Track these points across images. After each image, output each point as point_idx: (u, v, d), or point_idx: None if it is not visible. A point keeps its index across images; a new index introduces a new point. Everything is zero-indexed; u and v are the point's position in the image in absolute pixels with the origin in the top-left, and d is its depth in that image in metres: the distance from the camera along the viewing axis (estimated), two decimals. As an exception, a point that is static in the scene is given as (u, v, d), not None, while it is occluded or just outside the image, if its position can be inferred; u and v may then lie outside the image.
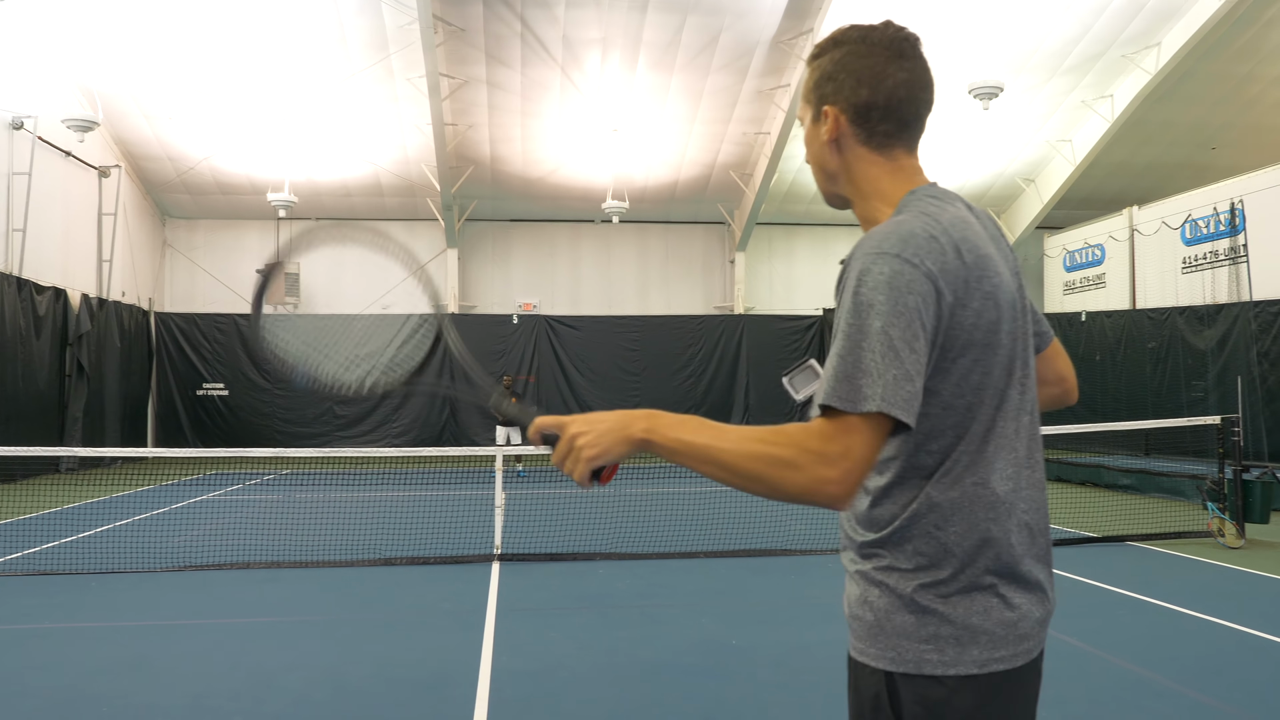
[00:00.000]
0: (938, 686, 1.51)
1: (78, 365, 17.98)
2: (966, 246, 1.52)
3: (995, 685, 1.52)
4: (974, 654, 1.51)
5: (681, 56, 18.05)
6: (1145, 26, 17.82)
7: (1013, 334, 1.57)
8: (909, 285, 1.44)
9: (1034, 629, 1.57)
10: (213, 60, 17.61)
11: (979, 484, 1.53)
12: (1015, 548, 1.55)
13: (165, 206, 22.94)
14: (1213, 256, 18.43)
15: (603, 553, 8.65)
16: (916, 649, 1.52)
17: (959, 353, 1.50)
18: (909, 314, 1.43)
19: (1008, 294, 1.56)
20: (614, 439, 1.53)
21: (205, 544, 9.43)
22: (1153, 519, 10.41)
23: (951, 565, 1.53)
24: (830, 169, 1.71)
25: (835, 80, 1.66)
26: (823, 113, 1.67)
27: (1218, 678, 4.95)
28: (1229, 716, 4.38)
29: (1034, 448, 1.62)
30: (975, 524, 1.53)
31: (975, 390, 1.52)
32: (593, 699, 4.68)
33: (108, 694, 4.78)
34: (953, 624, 1.52)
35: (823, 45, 1.71)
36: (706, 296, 24.85)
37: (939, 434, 1.53)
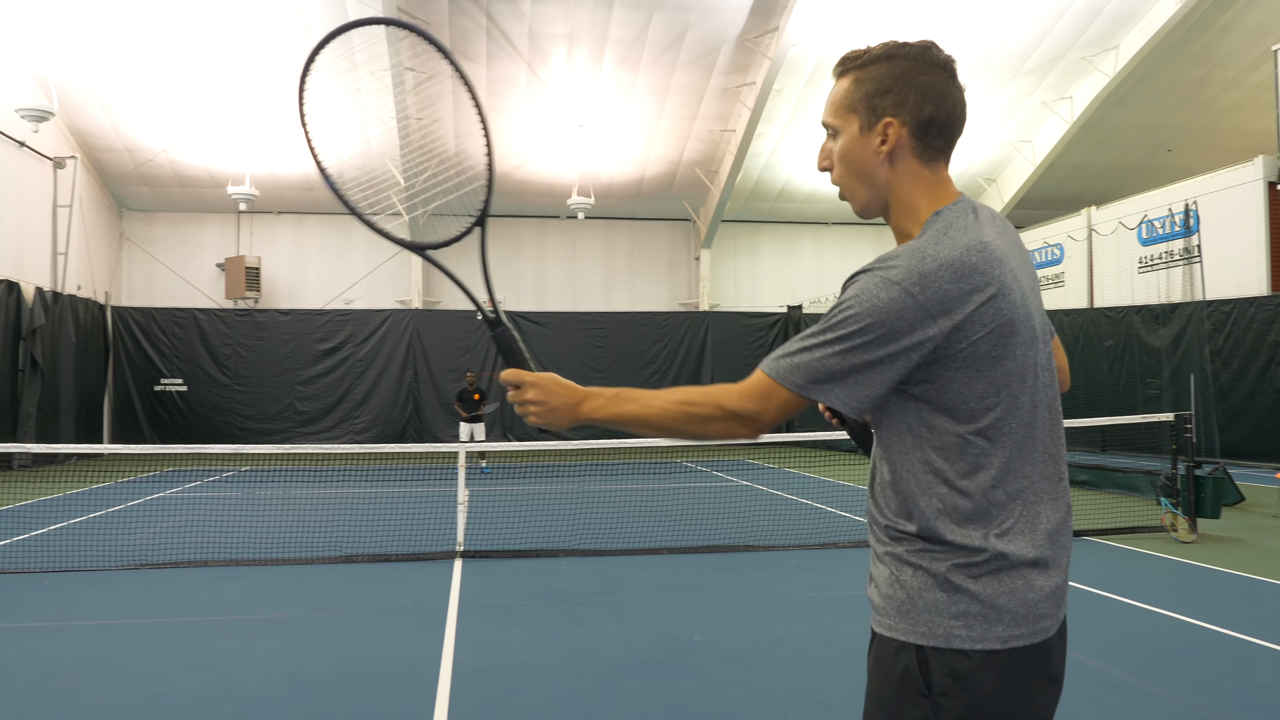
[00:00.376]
0: (965, 660, 1.63)
1: (31, 360, 17.65)
2: (978, 273, 1.61)
3: (1017, 660, 1.64)
4: (998, 631, 1.63)
5: (648, 53, 18.07)
6: (1104, 30, 18.11)
7: (1028, 343, 1.68)
8: (899, 314, 1.58)
9: (1050, 609, 1.68)
10: (172, 50, 17.35)
11: (994, 481, 1.65)
12: (1037, 536, 1.67)
13: (122, 199, 22.58)
14: (1168, 256, 18.78)
15: (566, 549, 8.65)
16: (947, 625, 1.64)
17: (960, 367, 1.62)
18: (889, 338, 1.59)
19: (1023, 309, 1.66)
20: (559, 417, 1.81)
21: (163, 542, 9.31)
22: (1108, 514, 10.58)
23: (969, 550, 1.65)
24: (878, 180, 1.76)
25: (897, 94, 1.72)
26: (883, 124, 1.73)
27: (1168, 669, 5.04)
28: (1179, 707, 4.47)
29: (1052, 443, 1.73)
30: (993, 514, 1.66)
31: (981, 398, 1.63)
32: (554, 695, 4.69)
33: (62, 694, 4.71)
34: (981, 602, 1.64)
35: (868, 57, 1.77)
36: (672, 293, 24.91)
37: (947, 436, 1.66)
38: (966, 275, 1.59)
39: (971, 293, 1.58)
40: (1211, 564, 8.02)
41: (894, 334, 1.58)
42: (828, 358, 1.61)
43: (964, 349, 1.60)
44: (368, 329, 22.62)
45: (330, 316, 22.59)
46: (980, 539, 1.64)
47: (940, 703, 1.62)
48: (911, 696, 1.64)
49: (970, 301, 1.58)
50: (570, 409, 1.79)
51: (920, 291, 1.57)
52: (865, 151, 1.76)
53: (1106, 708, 4.46)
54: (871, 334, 1.58)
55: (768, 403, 1.67)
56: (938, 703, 1.62)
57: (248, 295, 22.41)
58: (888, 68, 1.75)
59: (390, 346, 22.62)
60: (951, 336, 1.59)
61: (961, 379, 1.62)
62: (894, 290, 1.58)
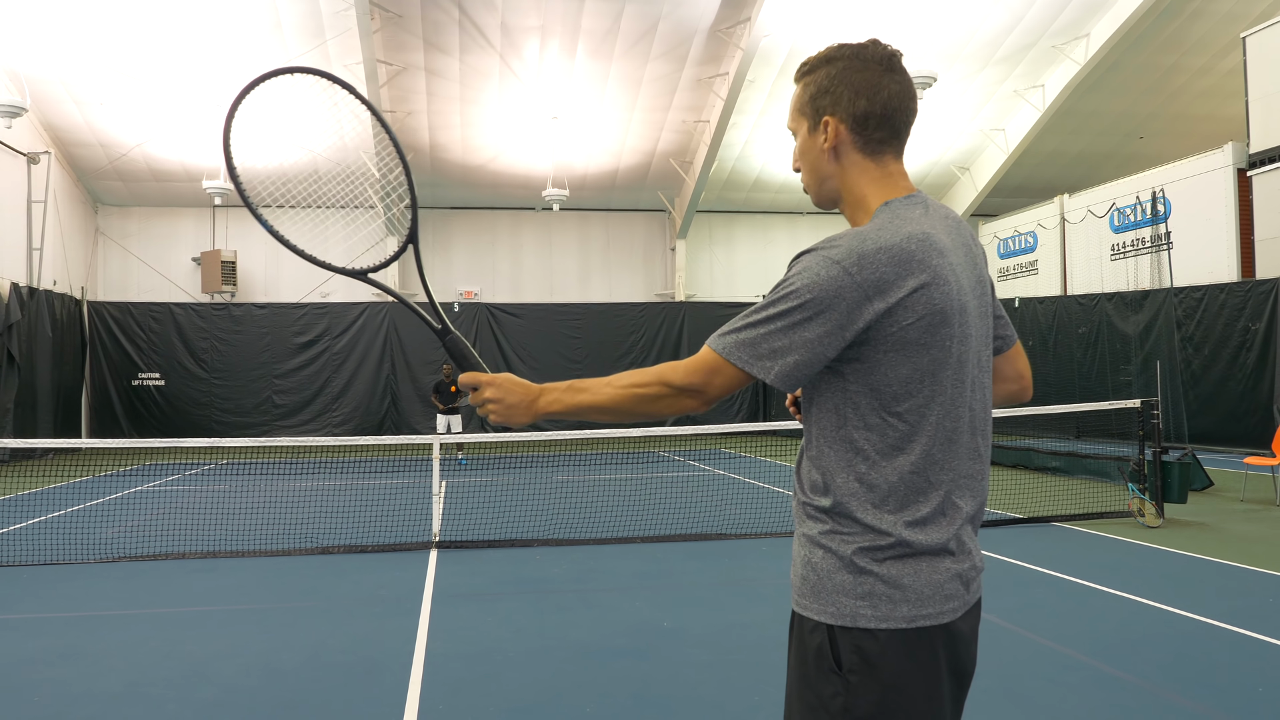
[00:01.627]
0: (871, 639, 1.70)
1: (8, 355, 17.57)
2: (915, 260, 1.68)
3: (923, 639, 1.72)
4: (904, 610, 1.71)
5: (620, 44, 18.11)
6: (1075, 17, 18.27)
7: (960, 338, 1.75)
8: (837, 291, 1.66)
9: (957, 590, 1.76)
10: (145, 45, 17.26)
11: (914, 467, 1.73)
12: (944, 523, 1.75)
13: (97, 194, 22.45)
14: (1139, 244, 19.00)
15: (540, 539, 8.75)
16: (853, 605, 1.71)
17: (889, 350, 1.69)
18: (825, 313, 1.66)
19: (958, 303, 1.73)
20: (518, 413, 1.90)
21: (140, 535, 9.34)
22: (1077, 500, 10.76)
23: (879, 533, 1.72)
24: (826, 174, 1.87)
25: (833, 93, 1.83)
26: (823, 123, 1.84)
27: (1128, 651, 5.18)
28: (1136, 688, 4.61)
29: (976, 433, 1.83)
30: (908, 500, 1.73)
31: (905, 383, 1.70)
32: (525, 681, 4.79)
33: (41, 683, 4.78)
34: (886, 583, 1.71)
35: (814, 63, 1.88)
36: (648, 284, 24.99)
37: (871, 416, 1.73)
38: (904, 261, 1.66)
39: (906, 278, 1.66)
40: (1176, 548, 8.18)
41: (831, 311, 1.65)
42: (770, 334, 1.69)
43: (895, 332, 1.67)
44: (344, 322, 22.60)
45: (307, 310, 22.55)
46: (890, 523, 1.72)
47: (850, 679, 1.69)
48: (825, 674, 1.72)
49: (904, 286, 1.65)
50: (527, 405, 1.87)
51: (858, 271, 1.65)
52: (814, 150, 1.87)
53: (1064, 689, 4.59)
54: (810, 310, 1.66)
55: (714, 378, 1.75)
56: (847, 679, 1.70)
57: (224, 289, 22.33)
58: (826, 70, 1.85)
59: (367, 339, 22.61)
60: (884, 318, 1.66)
61: (889, 362, 1.69)
62: (834, 269, 1.65)
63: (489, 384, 1.91)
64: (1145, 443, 9.60)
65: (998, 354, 2.03)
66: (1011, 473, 13.96)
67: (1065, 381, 19.83)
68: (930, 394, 1.72)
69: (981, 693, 4.53)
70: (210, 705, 4.47)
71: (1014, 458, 14.88)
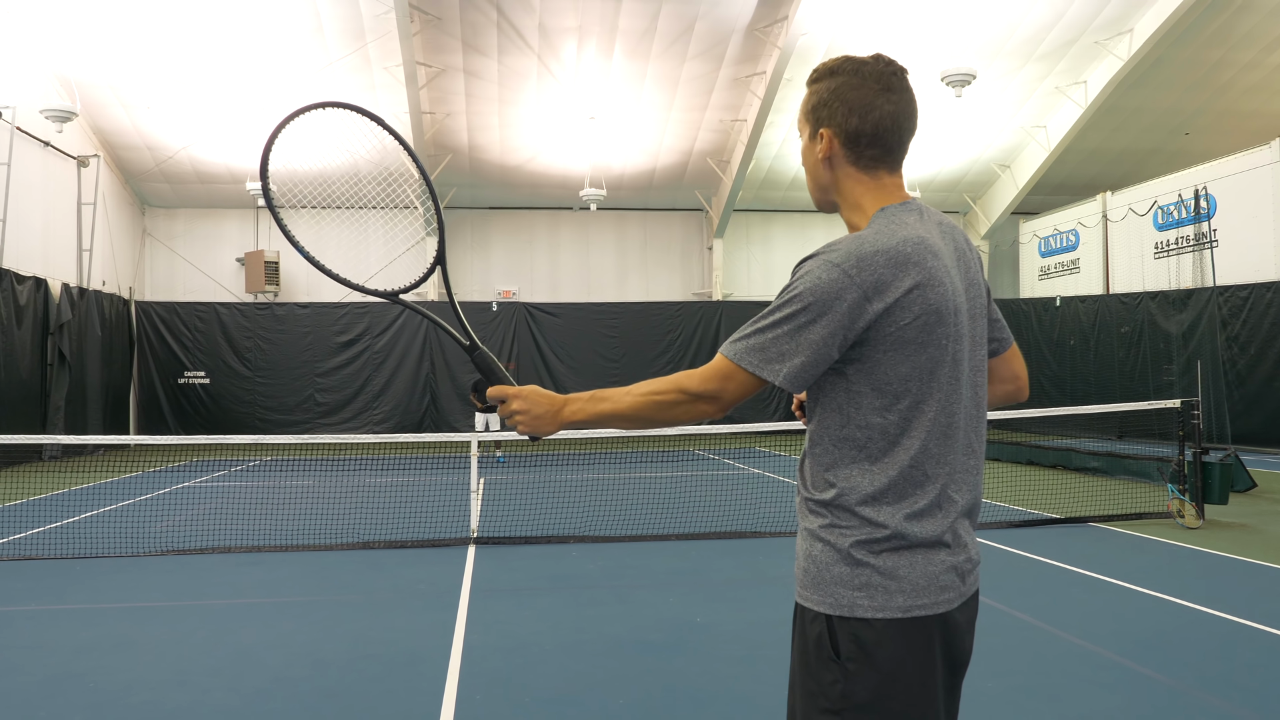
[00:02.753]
0: (868, 628, 1.78)
1: (59, 354, 18.03)
2: (913, 262, 1.77)
3: (919, 628, 1.79)
4: (899, 600, 1.78)
5: (657, 44, 18.17)
6: (1118, 13, 18.04)
7: (955, 338, 1.83)
8: (839, 292, 1.74)
9: (953, 581, 1.83)
10: (190, 50, 17.62)
11: (911, 462, 1.80)
12: (939, 516, 1.82)
13: (144, 196, 22.93)
14: (1183, 242, 18.73)
15: (576, 535, 8.85)
16: (850, 595, 1.79)
17: (888, 349, 1.77)
18: (828, 313, 1.74)
19: (952, 305, 1.81)
20: (544, 423, 1.98)
21: (187, 529, 9.58)
22: (1115, 501, 10.66)
23: (876, 527, 1.80)
24: (823, 182, 1.98)
25: (830, 107, 1.92)
26: (819, 134, 1.94)
27: (1161, 651, 5.16)
28: (1170, 688, 4.61)
29: (971, 431, 1.90)
30: (905, 494, 1.81)
31: (904, 380, 1.78)
32: (560, 673, 4.89)
33: (93, 671, 4.96)
34: (882, 574, 1.79)
35: (820, 72, 1.96)
36: (685, 283, 25.04)
37: (872, 415, 1.81)
38: (900, 263, 1.75)
39: (902, 279, 1.74)
40: (1214, 549, 8.09)
41: (833, 311, 1.73)
42: (779, 339, 1.78)
43: (893, 332, 1.75)
44: (385, 321, 22.88)
45: (348, 309, 22.87)
46: (887, 516, 1.79)
47: (848, 667, 1.77)
48: (825, 661, 1.80)
49: (900, 287, 1.74)
50: (553, 415, 1.96)
51: (858, 273, 1.73)
52: (812, 157, 1.98)
53: (1097, 688, 4.59)
54: (814, 312, 1.74)
55: (728, 384, 1.83)
56: (845, 667, 1.77)
57: (267, 289, 22.71)
58: (828, 83, 1.94)
59: (407, 339, 22.87)
60: (883, 318, 1.74)
61: (889, 361, 1.77)
62: (834, 272, 1.74)
63: (515, 396, 1.99)
64: (1185, 443, 9.49)
65: (994, 355, 2.10)
66: (1050, 473, 13.86)
67: (1107, 381, 19.61)
68: (928, 391, 1.79)
69: (1015, 690, 4.56)
70: (256, 694, 4.61)
71: (1053, 458, 14.76)
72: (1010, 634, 5.53)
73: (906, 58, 19.15)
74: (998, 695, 4.50)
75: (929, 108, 20.34)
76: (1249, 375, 16.60)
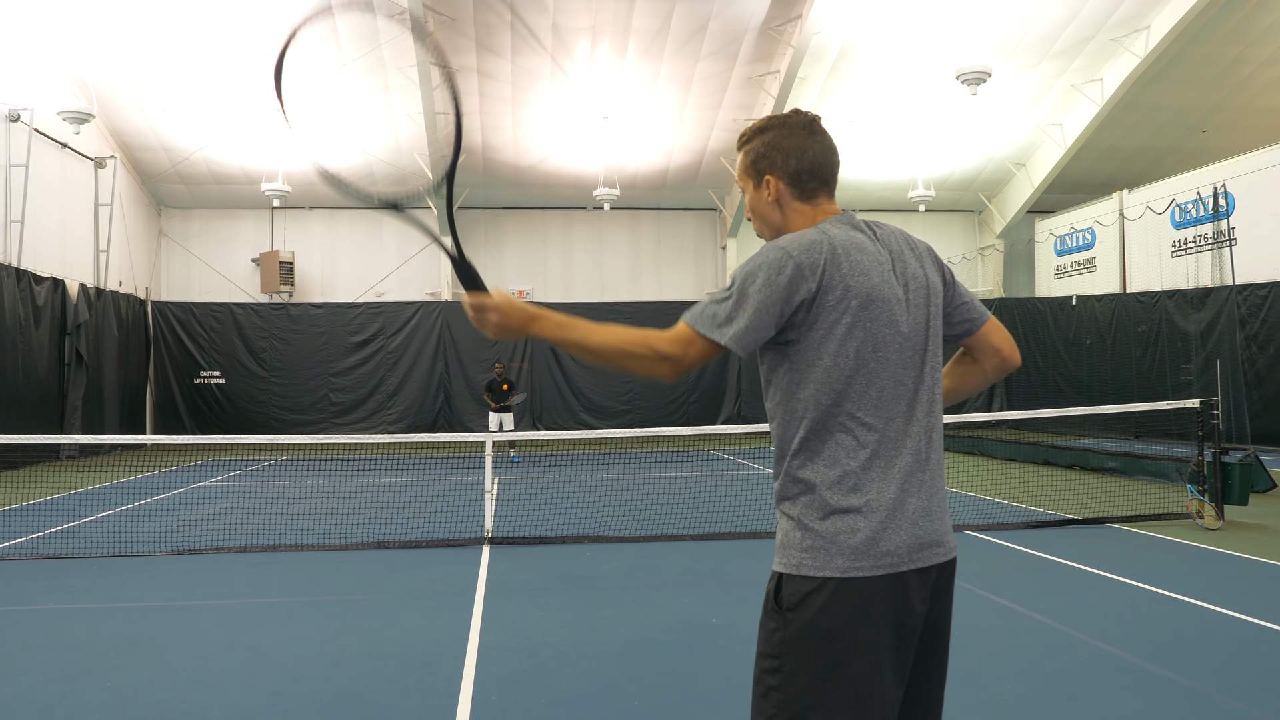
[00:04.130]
0: (809, 584, 1.99)
1: (76, 354, 18.14)
2: (840, 252, 2.04)
3: (859, 588, 1.97)
4: (839, 562, 1.98)
5: (671, 43, 18.15)
6: (1134, 9, 17.92)
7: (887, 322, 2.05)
8: (779, 267, 2.01)
9: (899, 547, 2.01)
10: (206, 52, 17.70)
11: (842, 428, 2.03)
12: (887, 488, 2.02)
13: (160, 197, 23.06)
14: (1201, 240, 18.59)
15: (590, 536, 8.84)
16: (799, 556, 2.02)
17: (823, 319, 2.01)
18: (770, 285, 2.00)
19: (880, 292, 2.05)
20: (510, 331, 2.18)
21: (203, 529, 9.62)
22: (1134, 501, 10.57)
23: (819, 495, 2.02)
24: (774, 222, 2.24)
25: (769, 158, 2.22)
26: (765, 181, 2.22)
27: (1182, 654, 5.11)
28: (1189, 690, 4.56)
29: (916, 403, 2.10)
30: (837, 462, 2.02)
31: (834, 357, 2.02)
32: (575, 674, 4.88)
33: (109, 670, 4.97)
34: (823, 538, 2.01)
35: (749, 134, 2.27)
36: (699, 282, 25.01)
37: (807, 389, 2.04)
38: (831, 251, 2.02)
39: (833, 265, 2.01)
40: (1234, 550, 8.02)
41: (774, 284, 1.99)
42: (727, 305, 2.03)
43: (823, 312, 2.00)
44: (399, 321, 22.94)
45: (362, 309, 22.93)
46: (826, 483, 2.02)
47: (788, 616, 1.99)
48: (769, 612, 2.04)
49: (831, 272, 2.00)
50: (521, 324, 2.16)
51: (797, 252, 2.01)
52: (762, 204, 2.25)
53: (1114, 690, 4.55)
54: (757, 280, 2.00)
55: (689, 349, 2.05)
56: (785, 616, 2.00)
57: (282, 289, 22.80)
58: (760, 139, 2.24)
59: (421, 338, 22.92)
60: (818, 296, 2.00)
61: (822, 339, 2.01)
62: (776, 251, 2.02)
63: (492, 304, 2.17)
64: (1204, 443, 9.41)
65: (969, 334, 2.32)
66: (1067, 473, 13.77)
67: (1124, 381, 19.48)
68: (857, 367, 2.02)
69: (1035, 693, 4.52)
70: (272, 694, 4.62)
71: (1070, 458, 14.66)
72: (1029, 636, 5.49)
73: (921, 56, 19.10)
74: (1018, 698, 4.46)
75: (944, 106, 20.26)
76: (1268, 374, 16.46)
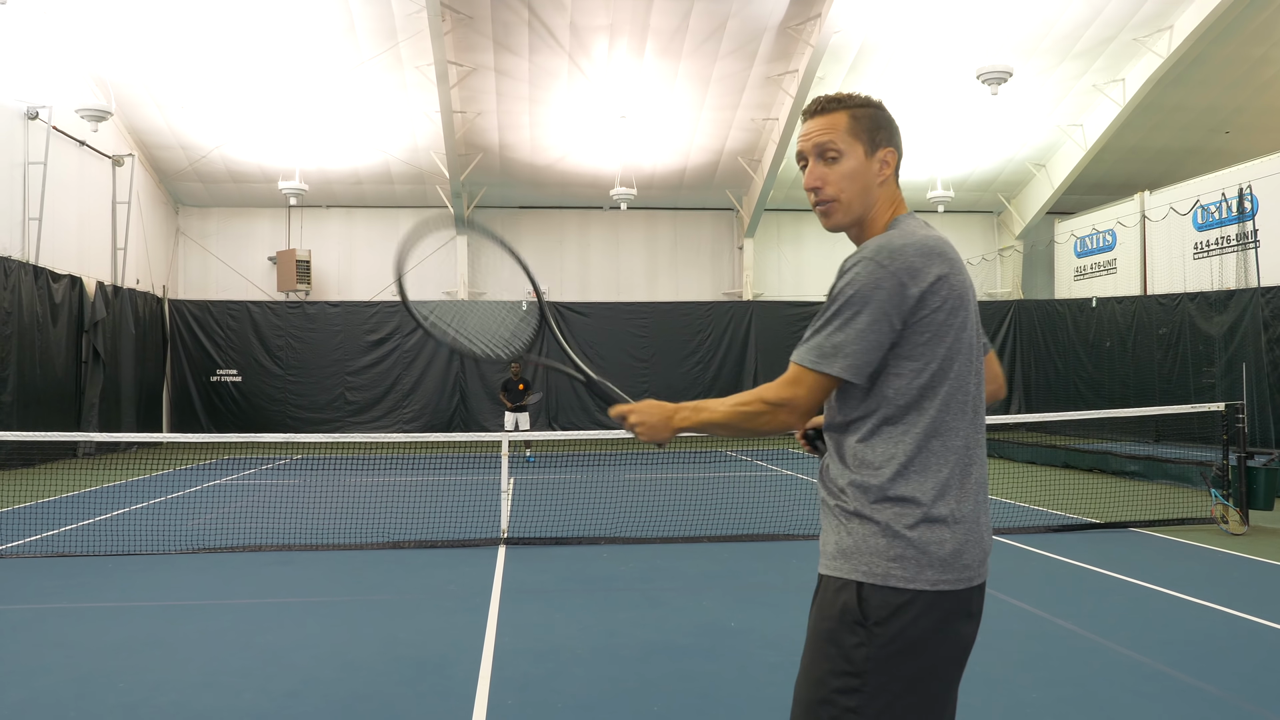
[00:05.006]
0: (898, 596, 1.91)
1: (94, 352, 18.20)
2: (936, 254, 1.97)
3: (942, 601, 1.93)
4: (929, 575, 1.92)
5: (689, 42, 18.07)
6: (1157, 9, 17.73)
7: (974, 324, 2.05)
8: (876, 282, 1.92)
9: (974, 560, 1.98)
10: (224, 50, 17.73)
11: (941, 441, 1.97)
12: (965, 496, 1.98)
13: (178, 195, 23.12)
14: (1224, 242, 18.37)
15: (606, 537, 8.78)
16: (885, 565, 1.93)
17: (923, 331, 1.95)
18: (870, 302, 1.92)
19: (971, 293, 2.03)
20: (659, 432, 2.23)
21: (219, 527, 9.61)
22: (1157, 505, 10.45)
23: (916, 502, 1.94)
24: (873, 197, 2.13)
25: (888, 130, 2.15)
26: (885, 153, 2.14)
27: (1210, 662, 5.02)
28: (1219, 700, 4.46)
29: (980, 415, 2.08)
30: (937, 473, 1.96)
31: (931, 362, 1.96)
32: (592, 678, 4.81)
33: (124, 670, 4.93)
34: (916, 548, 1.93)
35: (866, 100, 2.17)
36: (715, 283, 24.91)
37: (907, 396, 1.97)
38: (927, 253, 1.96)
39: (931, 266, 1.94)
40: (1260, 556, 7.91)
41: (875, 300, 1.91)
42: (831, 334, 1.95)
43: (927, 315, 1.93)
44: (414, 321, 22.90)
45: (378, 308, 22.94)
46: (919, 493, 1.94)
47: (874, 631, 1.91)
48: (850, 626, 1.93)
49: (931, 273, 1.93)
50: (665, 423, 2.20)
51: (890, 262, 1.92)
52: (869, 174, 2.13)
53: (1143, 699, 4.47)
54: (857, 304, 1.92)
55: (799, 388, 1.99)
56: (872, 630, 1.91)
57: (298, 288, 22.83)
58: (873, 111, 2.15)
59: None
60: (919, 302, 1.93)
61: (923, 343, 1.95)
62: (869, 265, 1.94)
63: (632, 411, 2.25)
64: (1229, 447, 9.29)
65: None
66: (1088, 476, 13.63)
67: (1145, 384, 19.28)
68: (956, 375, 1.98)
69: (1061, 701, 4.43)
70: (286, 696, 4.57)
71: (1090, 461, 14.52)
72: (1054, 642, 5.39)
73: (941, 55, 18.94)
74: (1044, 706, 4.37)
75: (964, 106, 20.09)
76: (1292, 378, 16.23)
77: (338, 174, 22.26)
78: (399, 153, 21.31)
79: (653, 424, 2.21)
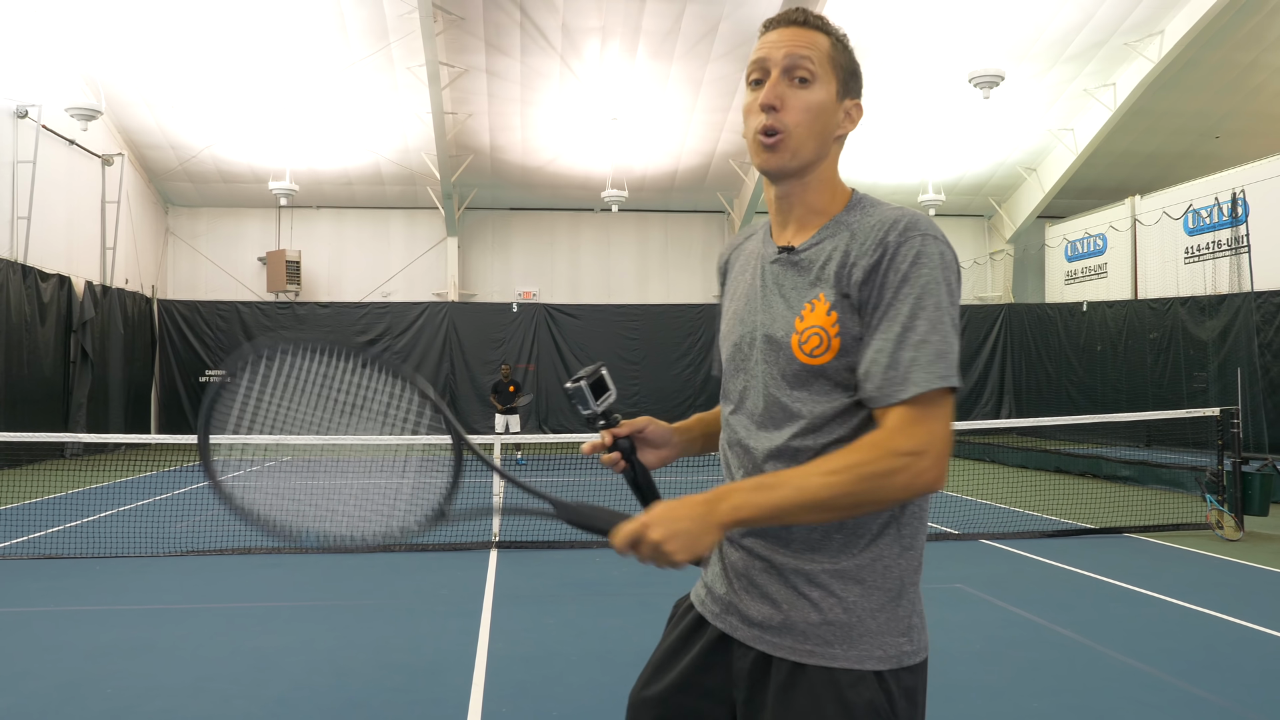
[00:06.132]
0: (911, 676, 1.54)
1: (82, 352, 18.06)
2: None
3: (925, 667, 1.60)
4: (925, 637, 1.59)
5: (681, 45, 18.03)
6: (1148, 14, 17.77)
7: None
8: (956, 267, 1.52)
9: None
10: (214, 49, 17.61)
11: None
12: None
13: (167, 194, 22.97)
14: (1215, 247, 18.42)
15: (599, 541, 8.68)
16: (897, 643, 1.52)
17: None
18: (956, 294, 1.52)
19: None
20: (700, 541, 1.46)
21: (207, 529, 9.50)
22: (1151, 511, 10.44)
23: (920, 555, 1.60)
24: (827, 148, 1.66)
25: (859, 81, 1.71)
26: (853, 105, 1.69)
27: (1210, 670, 4.98)
28: (1221, 709, 4.42)
29: None
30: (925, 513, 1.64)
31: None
32: (586, 684, 4.75)
33: (111, 675, 4.85)
34: (917, 611, 1.58)
35: (841, 34, 1.71)
36: (706, 285, 24.87)
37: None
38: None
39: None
40: (1256, 562, 7.89)
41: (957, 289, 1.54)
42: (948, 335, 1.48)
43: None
44: (405, 321, 22.84)
45: (368, 309, 22.83)
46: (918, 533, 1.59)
47: None
48: None
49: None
50: (704, 520, 1.45)
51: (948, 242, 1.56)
52: (834, 117, 1.65)
53: (1148, 709, 4.42)
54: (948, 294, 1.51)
55: (937, 422, 1.45)
56: None
57: (288, 288, 22.70)
58: (852, 52, 1.71)
59: (427, 339, 22.82)
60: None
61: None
62: (940, 245, 1.52)
63: (644, 527, 1.47)
64: (1224, 452, 9.27)
65: None
66: (1080, 481, 13.62)
67: (1136, 388, 19.31)
68: None
69: (1063, 710, 4.38)
70: (276, 702, 4.49)
71: (1082, 465, 14.51)
72: (1054, 650, 5.35)
73: (933, 58, 18.95)
74: (1045, 716, 4.32)
75: (955, 109, 20.11)
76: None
77: (328, 174, 22.15)
78: (390, 153, 21.21)
79: (685, 531, 1.44)
